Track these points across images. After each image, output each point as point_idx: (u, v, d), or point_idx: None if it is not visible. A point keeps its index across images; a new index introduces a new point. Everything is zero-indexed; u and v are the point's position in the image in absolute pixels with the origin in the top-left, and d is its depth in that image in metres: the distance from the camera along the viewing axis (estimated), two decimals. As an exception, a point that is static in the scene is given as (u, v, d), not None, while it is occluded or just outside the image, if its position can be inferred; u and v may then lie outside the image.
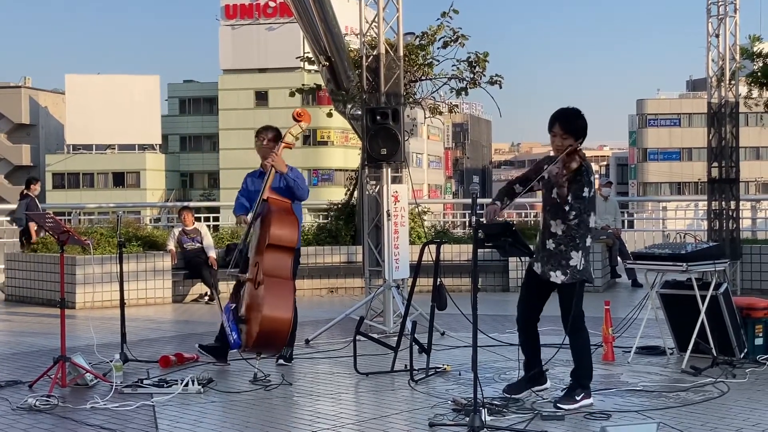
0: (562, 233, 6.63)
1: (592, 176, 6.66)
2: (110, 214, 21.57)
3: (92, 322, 10.28)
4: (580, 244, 6.62)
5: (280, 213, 7.69)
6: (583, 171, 6.53)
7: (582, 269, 6.63)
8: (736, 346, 8.00)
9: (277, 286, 7.51)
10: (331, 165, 66.23)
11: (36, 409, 6.65)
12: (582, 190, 6.53)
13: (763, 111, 15.20)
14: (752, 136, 66.57)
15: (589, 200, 6.62)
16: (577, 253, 6.60)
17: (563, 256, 6.61)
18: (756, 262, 13.49)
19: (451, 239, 14.90)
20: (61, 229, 7.73)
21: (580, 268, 6.62)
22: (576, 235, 6.60)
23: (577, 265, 6.61)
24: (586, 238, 6.65)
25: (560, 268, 6.62)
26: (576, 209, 6.55)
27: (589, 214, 6.65)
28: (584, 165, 6.53)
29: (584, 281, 6.67)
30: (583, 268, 6.63)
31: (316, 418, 6.41)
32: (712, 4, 13.21)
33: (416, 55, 15.12)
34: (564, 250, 6.61)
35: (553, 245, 6.64)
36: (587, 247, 6.68)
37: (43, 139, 73.65)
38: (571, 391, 6.62)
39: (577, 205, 6.54)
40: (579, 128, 6.60)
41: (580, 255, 6.61)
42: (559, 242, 6.63)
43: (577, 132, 6.58)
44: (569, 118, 6.62)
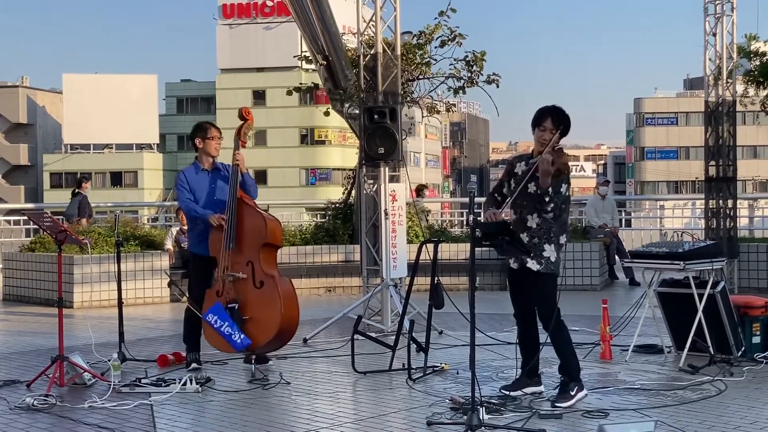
0: (536, 226, 6.71)
1: (570, 174, 6.76)
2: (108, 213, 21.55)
3: (90, 321, 10.27)
4: (554, 239, 6.70)
5: (260, 211, 7.76)
6: (567, 168, 6.69)
7: (555, 262, 6.71)
8: (734, 344, 8.01)
9: (283, 284, 7.65)
10: (329, 164, 66.20)
11: (34, 408, 6.64)
12: (561, 185, 6.64)
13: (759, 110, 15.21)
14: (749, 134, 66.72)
15: (566, 198, 6.72)
16: (550, 246, 6.69)
17: (537, 248, 6.69)
18: (753, 261, 13.50)
19: (449, 238, 14.90)
20: (59, 229, 7.73)
21: (552, 260, 6.69)
22: (551, 229, 6.69)
23: (550, 257, 6.68)
24: (560, 235, 6.74)
25: (535, 258, 6.70)
26: (554, 202, 6.63)
27: (565, 211, 6.77)
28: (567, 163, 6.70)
29: (555, 275, 6.74)
30: (555, 260, 6.71)
31: (314, 416, 6.42)
32: (709, 3, 13.21)
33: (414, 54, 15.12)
34: (537, 243, 6.69)
35: (527, 238, 6.71)
36: (561, 244, 6.76)
37: (41, 139, 73.57)
38: (565, 386, 6.64)
39: (555, 198, 6.62)
40: (568, 125, 6.74)
41: (553, 248, 6.69)
42: (533, 235, 6.71)
43: (566, 129, 6.72)
44: (562, 113, 6.75)
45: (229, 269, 7.66)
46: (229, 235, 7.71)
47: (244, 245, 7.68)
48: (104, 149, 69.52)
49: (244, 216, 7.71)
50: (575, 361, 6.78)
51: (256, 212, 7.71)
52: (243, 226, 7.69)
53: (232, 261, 7.67)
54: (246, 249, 7.67)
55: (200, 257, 7.94)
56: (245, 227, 7.69)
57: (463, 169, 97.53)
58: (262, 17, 67.01)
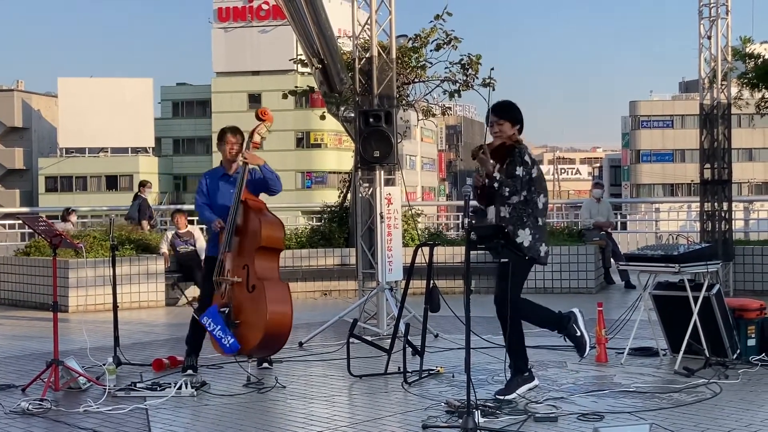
0: (508, 216, 6.79)
1: (528, 156, 6.80)
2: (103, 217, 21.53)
3: (85, 325, 10.26)
4: (528, 222, 6.76)
5: (264, 214, 7.70)
6: (515, 152, 6.77)
7: (528, 246, 6.74)
8: (729, 347, 8.01)
9: (275, 288, 7.53)
10: (325, 167, 66.21)
11: (29, 412, 6.64)
12: (515, 168, 6.72)
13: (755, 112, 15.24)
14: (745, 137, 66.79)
15: (529, 180, 6.74)
16: (524, 231, 6.75)
17: (511, 235, 6.73)
18: (749, 263, 13.52)
19: (445, 241, 14.91)
20: (54, 233, 7.72)
21: (526, 244, 6.73)
22: (523, 215, 6.76)
23: (523, 242, 6.72)
24: (535, 218, 6.79)
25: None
26: (510, 186, 6.68)
27: (534, 193, 6.79)
28: (517, 147, 6.80)
29: (528, 261, 6.79)
30: (529, 245, 6.74)
31: (310, 420, 6.41)
32: (703, 6, 13.23)
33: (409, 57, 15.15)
34: (512, 230, 6.75)
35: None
36: (538, 227, 6.81)
37: (36, 143, 73.47)
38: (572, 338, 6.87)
39: (512, 182, 6.68)
40: (514, 117, 6.93)
41: (527, 233, 6.75)
42: (506, 224, 6.78)
43: (513, 119, 6.91)
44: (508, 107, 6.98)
45: (231, 273, 7.65)
46: (226, 239, 7.71)
47: (243, 249, 7.67)
48: (99, 153, 69.44)
49: (246, 219, 7.69)
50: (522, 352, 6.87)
51: (255, 215, 7.66)
52: (244, 229, 7.68)
53: (233, 264, 7.67)
54: (244, 252, 7.66)
55: (214, 259, 7.95)
56: (246, 231, 7.68)
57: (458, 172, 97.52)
58: (257, 21, 67.03)
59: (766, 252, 13.52)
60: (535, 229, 6.78)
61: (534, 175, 6.80)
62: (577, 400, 6.77)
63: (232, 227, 7.68)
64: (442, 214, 35.92)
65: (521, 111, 7.04)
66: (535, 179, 6.81)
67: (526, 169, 6.75)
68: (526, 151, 6.85)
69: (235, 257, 7.66)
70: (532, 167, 6.79)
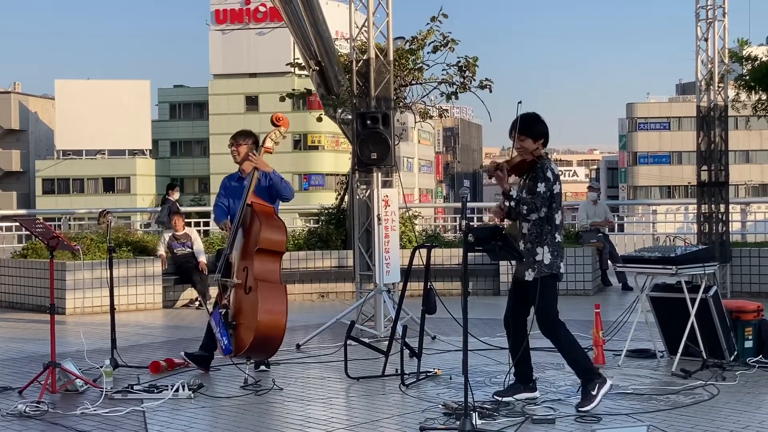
0: (528, 232, 6.77)
1: (550, 172, 6.70)
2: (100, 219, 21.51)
3: (82, 327, 10.25)
4: (546, 240, 6.72)
5: (267, 217, 7.70)
6: (537, 167, 6.70)
7: (549, 263, 6.72)
8: (726, 348, 8.02)
9: (271, 291, 7.53)
10: (322, 169, 66.22)
11: (26, 415, 6.63)
12: (536, 185, 6.66)
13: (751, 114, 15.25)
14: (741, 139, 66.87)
15: (550, 196, 6.69)
16: (542, 249, 6.71)
17: (531, 253, 6.73)
18: (746, 265, 13.53)
19: (442, 243, 14.91)
20: (51, 235, 7.71)
21: (546, 262, 6.71)
22: (542, 232, 6.71)
23: (542, 260, 6.70)
24: (552, 234, 6.75)
25: (530, 266, 6.73)
26: (529, 204, 6.64)
27: (555, 210, 6.73)
28: (539, 162, 6.71)
29: (553, 276, 6.76)
30: (549, 262, 6.72)
31: (307, 422, 6.41)
32: (700, 8, 13.25)
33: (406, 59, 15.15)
34: (531, 248, 6.74)
35: (523, 245, 6.79)
36: (557, 244, 6.77)
37: (33, 145, 73.44)
38: (585, 388, 6.67)
39: (531, 200, 6.64)
40: (536, 131, 6.79)
41: (546, 250, 6.71)
42: (526, 241, 6.78)
43: (534, 134, 6.77)
44: (530, 121, 6.82)
45: (235, 274, 7.69)
46: (230, 242, 7.78)
47: (245, 251, 7.70)
48: (97, 155, 69.41)
49: (251, 222, 7.71)
50: (583, 358, 6.77)
51: (257, 218, 7.67)
52: (249, 232, 7.71)
53: (237, 266, 7.71)
54: (246, 255, 7.69)
55: None
56: (249, 233, 7.71)
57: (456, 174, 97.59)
58: (254, 23, 67.05)
59: (763, 254, 13.53)
60: (554, 246, 6.74)
61: (556, 190, 6.72)
62: (574, 402, 6.76)
63: (236, 229, 7.72)
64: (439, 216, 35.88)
65: (545, 124, 6.87)
66: (557, 195, 6.74)
67: (547, 185, 6.65)
68: (549, 167, 6.72)
69: (240, 259, 7.70)
70: (554, 183, 6.69)
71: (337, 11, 41.31)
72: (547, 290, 6.73)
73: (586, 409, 6.48)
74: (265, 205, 7.81)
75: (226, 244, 7.93)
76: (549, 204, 6.70)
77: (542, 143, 6.82)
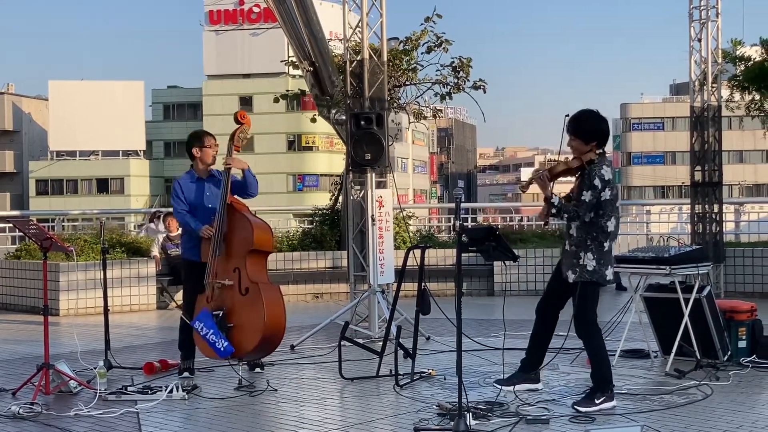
0: (576, 234, 6.74)
1: (598, 179, 6.56)
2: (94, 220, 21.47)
3: (76, 329, 10.24)
4: (591, 246, 6.67)
5: (251, 217, 7.73)
6: (585, 173, 6.61)
7: (592, 270, 6.67)
8: (720, 348, 8.03)
9: (268, 291, 7.59)
10: (316, 170, 66.15)
11: (19, 416, 6.61)
12: (582, 192, 6.60)
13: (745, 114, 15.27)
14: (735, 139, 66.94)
15: (597, 203, 6.59)
16: (587, 255, 6.66)
17: (575, 255, 6.71)
18: (739, 265, 13.55)
19: (436, 244, 14.91)
20: (44, 236, 7.70)
21: (589, 268, 6.67)
22: (587, 237, 6.67)
23: (586, 265, 6.66)
24: (600, 241, 6.67)
25: (571, 268, 6.73)
26: (570, 212, 6.60)
27: (603, 217, 6.63)
28: (588, 168, 6.61)
29: (595, 283, 6.71)
30: (593, 269, 6.67)
31: (301, 423, 6.41)
32: (694, 9, 13.27)
33: (400, 60, 15.16)
34: (575, 251, 6.72)
35: (568, 246, 6.80)
36: (604, 252, 6.69)
37: (27, 146, 73.25)
38: (591, 394, 6.66)
39: (573, 207, 6.60)
40: (589, 131, 6.65)
41: (590, 256, 6.66)
42: (572, 243, 6.76)
43: (586, 135, 6.63)
44: (578, 120, 6.70)
45: (219, 276, 7.65)
46: (216, 242, 7.70)
47: (232, 252, 7.67)
48: (90, 156, 69.26)
49: (233, 222, 7.69)
50: (605, 371, 6.72)
51: (245, 218, 7.67)
52: (232, 232, 7.68)
53: (222, 268, 7.67)
54: (234, 256, 7.66)
55: (193, 263, 7.92)
56: (234, 234, 7.68)
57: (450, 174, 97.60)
58: (248, 23, 66.95)
59: (756, 254, 13.56)
60: (599, 254, 6.65)
61: (604, 198, 6.59)
62: (568, 402, 6.76)
63: (220, 232, 7.67)
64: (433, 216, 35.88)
65: (600, 121, 6.66)
66: (605, 202, 6.60)
67: (594, 193, 6.55)
68: (597, 174, 6.56)
69: (224, 260, 7.66)
70: (603, 189, 6.56)
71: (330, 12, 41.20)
72: (587, 295, 6.70)
73: (582, 410, 6.47)
74: (243, 204, 7.83)
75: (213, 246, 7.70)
76: (596, 210, 6.60)
77: (596, 144, 6.66)
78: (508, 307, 7.49)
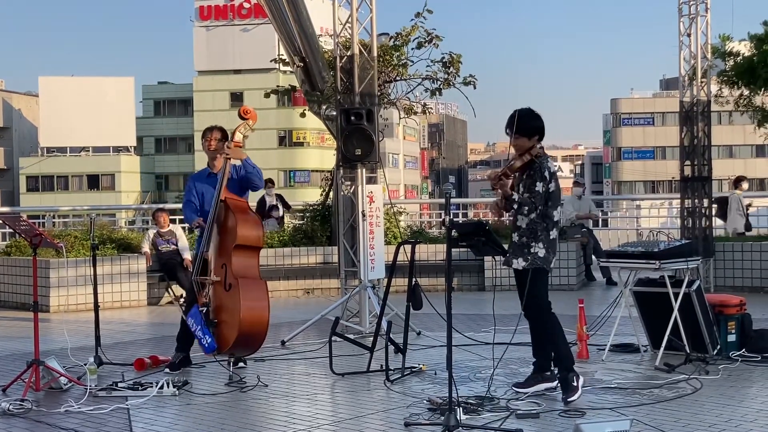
0: (525, 227, 6.83)
1: (547, 171, 6.77)
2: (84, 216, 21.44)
3: (66, 325, 10.22)
4: (542, 236, 6.80)
5: (241, 213, 7.68)
6: (535, 166, 6.75)
7: (543, 257, 6.79)
8: (709, 342, 8.06)
9: (252, 287, 7.50)
10: (307, 166, 66.14)
11: (9, 413, 6.60)
12: (534, 184, 6.72)
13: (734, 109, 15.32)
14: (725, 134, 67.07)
15: (547, 194, 6.75)
16: (538, 244, 6.79)
17: (526, 245, 6.81)
18: (729, 260, 13.59)
19: (426, 239, 14.92)
20: (34, 232, 7.68)
21: (540, 255, 6.79)
22: (538, 228, 6.78)
23: (537, 252, 6.78)
24: (549, 231, 6.81)
25: (522, 256, 6.81)
26: (529, 204, 6.71)
27: (552, 208, 6.79)
28: (537, 161, 6.75)
29: (544, 270, 6.82)
30: (544, 256, 6.79)
31: (292, 419, 6.41)
32: (683, 4, 13.30)
33: (390, 55, 15.17)
34: (526, 242, 6.81)
35: (517, 237, 6.87)
36: (551, 240, 6.85)
37: (17, 142, 73.05)
38: (565, 380, 6.70)
39: (530, 200, 6.70)
40: (530, 128, 6.81)
41: (542, 245, 6.79)
42: (522, 234, 6.84)
43: (528, 131, 6.78)
44: (512, 118, 6.81)
45: (213, 271, 7.66)
46: (205, 238, 7.73)
47: (222, 248, 7.67)
48: (81, 152, 69.12)
49: (225, 218, 7.69)
50: (566, 350, 6.84)
51: (233, 214, 7.65)
52: (224, 228, 7.69)
53: (214, 264, 7.67)
54: (222, 252, 7.65)
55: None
56: (225, 230, 7.68)
57: (441, 170, 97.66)
58: (239, 19, 66.86)
59: (746, 248, 13.60)
60: (548, 242, 6.81)
61: (552, 189, 6.78)
62: (558, 396, 6.78)
63: (211, 226, 7.68)
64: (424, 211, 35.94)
65: (538, 117, 6.87)
66: (552, 193, 6.79)
67: (545, 184, 6.74)
68: (546, 165, 6.79)
69: (216, 257, 7.66)
70: (551, 181, 6.77)
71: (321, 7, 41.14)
72: (538, 280, 6.82)
73: (573, 400, 6.55)
74: (238, 200, 7.80)
75: (202, 242, 7.81)
76: (545, 202, 6.76)
77: (537, 139, 6.84)
78: (499, 302, 7.48)
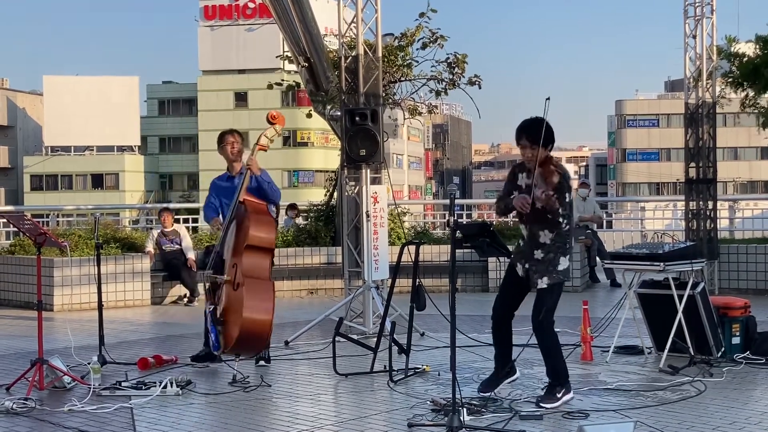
0: (551, 242, 6.67)
1: (570, 179, 6.73)
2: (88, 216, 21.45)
3: (70, 324, 10.21)
4: (568, 248, 6.73)
5: (257, 214, 7.69)
6: (563, 179, 6.61)
7: (564, 270, 6.72)
8: (714, 345, 8.04)
9: (257, 288, 7.50)
10: (311, 166, 66.14)
11: (13, 412, 6.60)
12: (565, 197, 6.61)
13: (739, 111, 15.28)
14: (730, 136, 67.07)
15: (571, 204, 6.72)
16: (565, 258, 6.70)
17: (552, 262, 6.66)
18: (733, 262, 13.56)
19: (430, 240, 14.92)
20: (38, 231, 7.69)
21: (561, 269, 6.70)
22: (566, 241, 6.70)
23: (559, 265, 6.68)
24: (571, 240, 6.79)
25: (547, 274, 6.67)
26: (566, 216, 6.63)
27: (571, 217, 6.76)
28: (563, 173, 6.61)
29: (562, 282, 6.77)
30: (565, 268, 6.73)
31: (295, 419, 6.41)
32: (689, 5, 13.28)
33: (395, 56, 15.15)
34: (553, 258, 6.67)
35: (542, 254, 6.68)
36: (568, 249, 6.79)
37: (21, 141, 73.13)
38: (552, 388, 6.66)
39: (565, 212, 6.62)
40: (545, 137, 6.63)
41: (567, 258, 6.72)
42: (548, 251, 6.67)
43: (545, 141, 6.61)
44: (534, 128, 6.64)
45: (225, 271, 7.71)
46: (221, 238, 7.84)
47: (235, 248, 7.70)
48: (85, 151, 69.18)
49: (242, 219, 7.71)
50: (563, 364, 6.78)
51: (249, 215, 7.65)
52: (239, 229, 7.72)
53: (228, 263, 7.73)
54: (235, 252, 7.68)
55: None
56: (240, 230, 7.71)
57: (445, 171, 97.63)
58: (243, 19, 66.88)
59: (750, 251, 13.57)
60: (570, 253, 6.78)
61: (569, 199, 6.67)
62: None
63: (228, 226, 7.74)
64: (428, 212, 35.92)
65: (549, 125, 6.62)
66: (569, 203, 6.69)
67: (570, 193, 6.68)
68: (567, 173, 6.66)
69: (230, 256, 7.71)
70: (569, 191, 6.69)
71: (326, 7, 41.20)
72: (555, 294, 6.73)
73: (547, 406, 6.49)
74: (257, 202, 7.81)
75: (218, 241, 7.96)
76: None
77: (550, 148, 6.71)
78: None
